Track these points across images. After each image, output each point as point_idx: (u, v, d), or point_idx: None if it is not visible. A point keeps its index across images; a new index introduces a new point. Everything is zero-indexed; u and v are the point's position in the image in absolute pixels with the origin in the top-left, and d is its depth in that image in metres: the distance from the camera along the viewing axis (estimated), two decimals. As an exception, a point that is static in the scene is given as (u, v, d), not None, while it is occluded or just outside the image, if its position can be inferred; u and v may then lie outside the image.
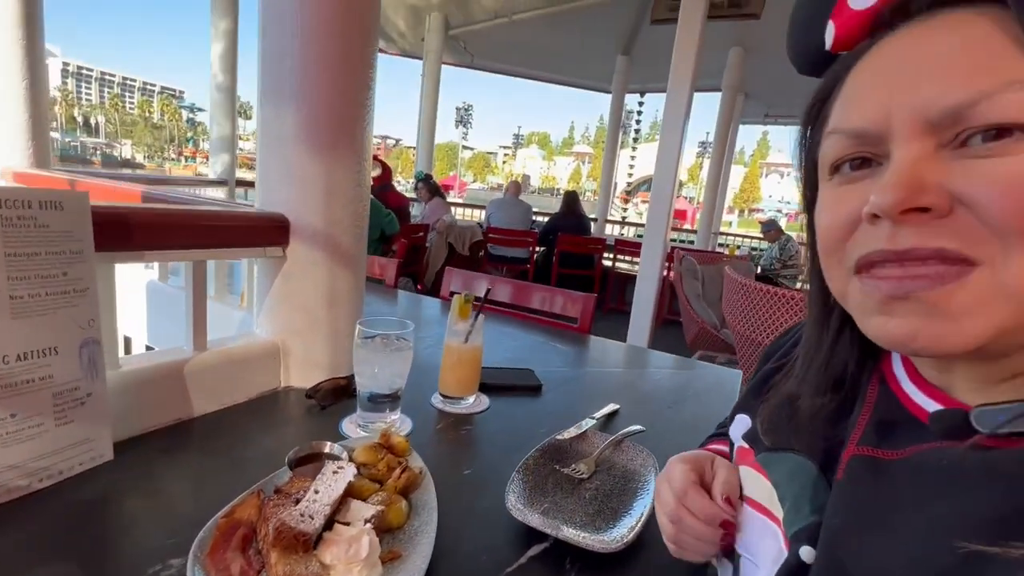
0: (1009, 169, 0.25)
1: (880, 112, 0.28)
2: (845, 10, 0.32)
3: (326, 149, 0.84)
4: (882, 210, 0.27)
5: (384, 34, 6.96)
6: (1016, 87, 0.24)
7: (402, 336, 0.76)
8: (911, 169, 0.27)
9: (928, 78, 0.27)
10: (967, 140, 0.26)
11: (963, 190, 0.26)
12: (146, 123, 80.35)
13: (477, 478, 0.68)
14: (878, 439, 0.34)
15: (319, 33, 0.80)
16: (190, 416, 0.75)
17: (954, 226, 0.26)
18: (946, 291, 0.26)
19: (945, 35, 0.27)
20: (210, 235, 0.76)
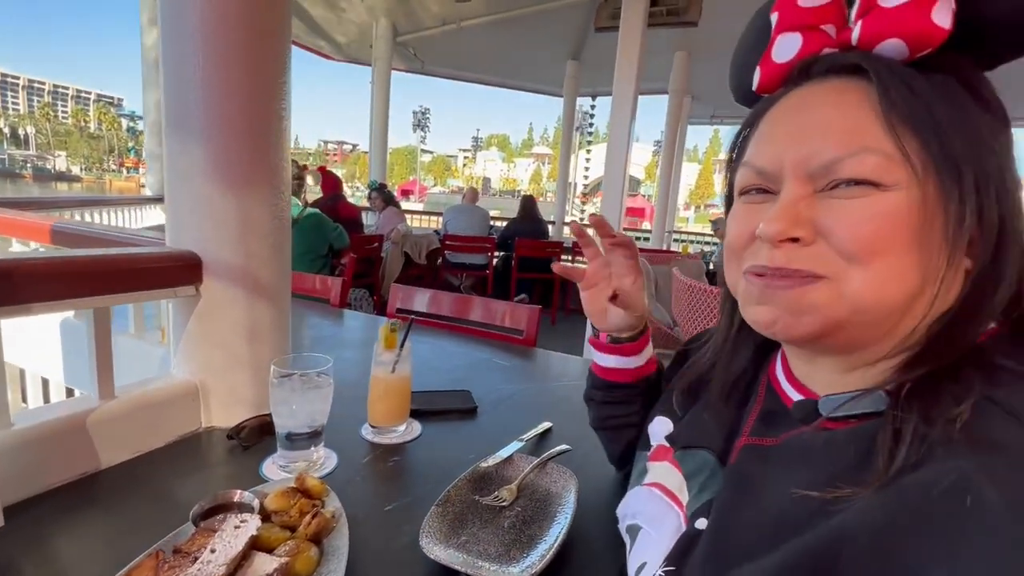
0: (857, 209, 0.33)
1: (776, 158, 0.37)
2: (769, 62, 0.40)
3: (239, 183, 0.82)
4: (766, 237, 0.35)
5: (331, 41, 6.82)
6: (868, 152, 0.33)
7: (322, 372, 0.76)
8: (791, 208, 0.35)
9: (810, 139, 0.35)
10: (835, 187, 0.34)
11: (825, 224, 0.34)
12: (82, 133, 75.80)
13: (399, 514, 0.68)
14: (763, 429, 0.42)
15: (225, 61, 0.78)
16: (97, 469, 0.72)
17: (814, 253, 0.34)
18: (796, 295, 0.35)
19: (829, 100, 0.35)
20: (112, 281, 0.73)
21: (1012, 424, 0.28)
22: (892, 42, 0.33)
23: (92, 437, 0.71)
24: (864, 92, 0.34)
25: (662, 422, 0.54)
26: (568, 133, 7.59)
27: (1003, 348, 0.33)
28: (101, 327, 0.73)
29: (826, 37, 0.37)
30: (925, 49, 0.33)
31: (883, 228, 0.32)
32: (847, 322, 0.34)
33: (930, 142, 0.32)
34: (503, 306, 1.64)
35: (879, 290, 0.33)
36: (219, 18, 0.77)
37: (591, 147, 10.18)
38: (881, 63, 0.34)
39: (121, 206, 4.29)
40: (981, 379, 0.31)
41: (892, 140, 0.32)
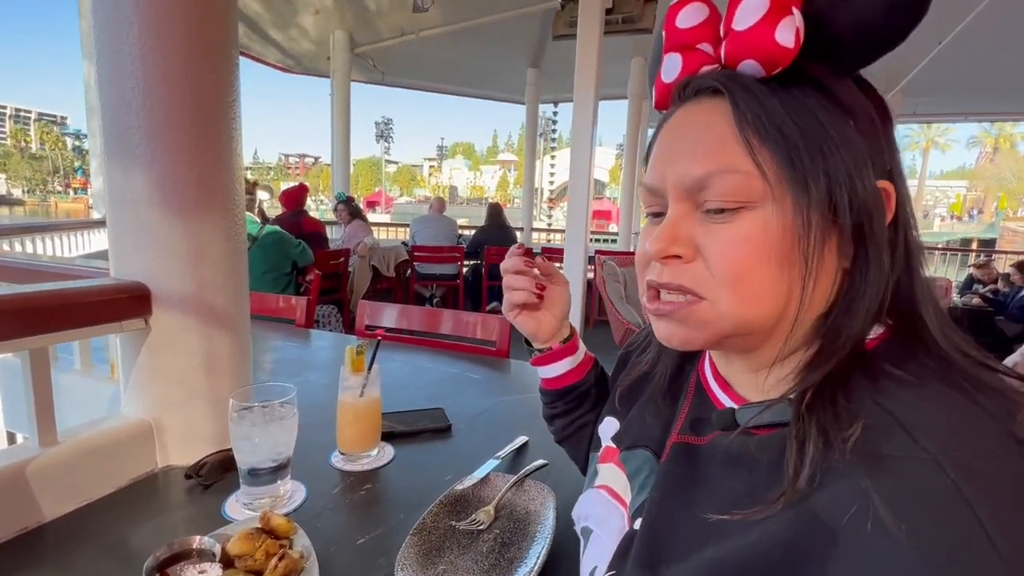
0: (725, 234, 0.35)
1: (660, 178, 0.39)
2: (659, 82, 0.41)
3: (188, 208, 0.78)
4: (651, 255, 0.38)
5: (287, 54, 6.68)
6: (730, 171, 0.35)
7: (285, 402, 0.72)
8: (672, 227, 0.37)
9: (683, 156, 0.37)
10: (710, 211, 0.36)
11: (702, 244, 0.36)
12: (23, 154, 71.85)
13: (372, 547, 0.65)
14: (692, 428, 0.43)
15: (167, 80, 0.74)
16: (40, 523, 0.66)
17: (693, 270, 0.36)
18: (684, 314, 0.37)
19: (697, 120, 0.37)
20: (49, 317, 0.68)
21: (898, 433, 0.29)
22: (748, 62, 0.35)
23: (33, 488, 0.66)
24: (726, 111, 0.35)
25: (610, 423, 0.55)
26: (532, 140, 7.64)
27: (891, 354, 0.34)
28: (39, 368, 0.68)
29: (703, 55, 0.38)
30: (777, 66, 0.35)
31: (745, 250, 0.34)
32: (731, 333, 0.37)
33: (780, 157, 0.34)
34: (474, 318, 1.62)
35: (749, 307, 0.35)
36: (158, 36, 0.73)
37: (555, 152, 10.32)
38: (737, 83, 0.35)
39: (67, 231, 4.07)
40: (870, 389, 0.32)
41: (749, 156, 0.34)
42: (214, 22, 0.78)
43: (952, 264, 8.15)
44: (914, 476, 0.27)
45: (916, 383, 0.32)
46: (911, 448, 0.28)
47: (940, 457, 0.27)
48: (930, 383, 0.32)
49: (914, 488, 0.27)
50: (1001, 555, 0.24)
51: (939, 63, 4.53)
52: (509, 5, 4.84)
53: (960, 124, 15.89)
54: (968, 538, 0.25)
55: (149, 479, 0.79)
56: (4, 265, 1.12)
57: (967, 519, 0.25)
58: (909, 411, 0.30)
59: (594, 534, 0.48)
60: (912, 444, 0.28)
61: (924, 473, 0.27)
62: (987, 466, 0.27)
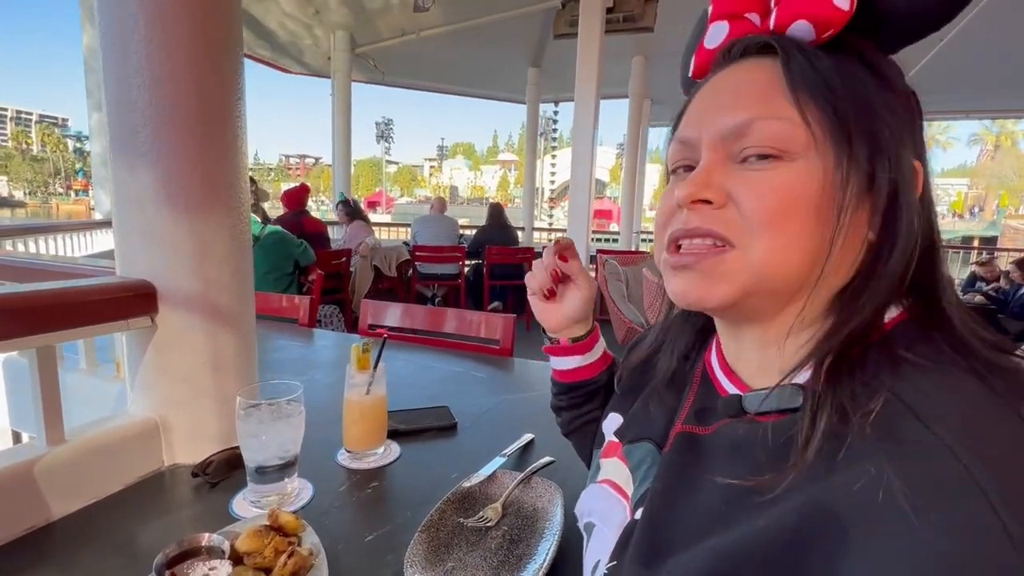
0: (764, 180, 0.35)
1: (696, 127, 0.39)
2: (701, 49, 0.42)
3: (193, 207, 0.78)
4: (680, 200, 0.37)
5: (288, 54, 6.69)
6: (773, 117, 0.35)
7: (292, 400, 0.72)
8: (704, 173, 0.36)
9: (723, 106, 0.37)
10: (747, 159, 0.36)
11: (734, 191, 0.35)
12: (24, 156, 71.99)
13: (380, 544, 0.65)
14: (697, 418, 0.43)
15: (173, 79, 0.74)
16: (48, 521, 0.66)
17: (724, 216, 0.36)
18: (709, 264, 0.36)
19: (742, 76, 0.38)
20: (56, 316, 0.68)
21: (909, 419, 0.29)
22: (800, 23, 0.36)
23: (40, 487, 0.66)
24: (773, 69, 0.36)
25: (613, 418, 0.54)
26: (532, 139, 7.64)
27: (906, 337, 0.34)
28: (46, 367, 0.68)
29: (750, 24, 0.39)
30: (829, 30, 0.35)
31: (785, 199, 0.34)
32: (754, 289, 0.36)
33: (826, 110, 0.34)
34: (477, 316, 1.62)
35: (779, 259, 0.34)
36: (163, 34, 0.73)
37: (556, 152, 10.31)
38: (788, 41, 0.36)
39: (69, 232, 4.07)
40: (886, 371, 0.32)
41: (795, 108, 0.34)
42: (219, 21, 0.78)
43: (954, 262, 8.14)
44: (927, 462, 0.27)
45: (932, 368, 0.31)
46: (923, 434, 0.28)
47: (952, 444, 0.27)
48: (946, 367, 0.31)
49: (927, 473, 0.27)
50: (1014, 541, 0.24)
51: (940, 60, 4.52)
52: (510, 4, 4.84)
53: (961, 122, 15.80)
54: (981, 524, 0.25)
55: (156, 477, 0.79)
56: (10, 265, 1.12)
57: (980, 505, 0.25)
58: (923, 396, 0.30)
59: (596, 528, 0.48)
60: (924, 430, 0.28)
61: (937, 459, 0.27)
62: (1000, 453, 0.27)
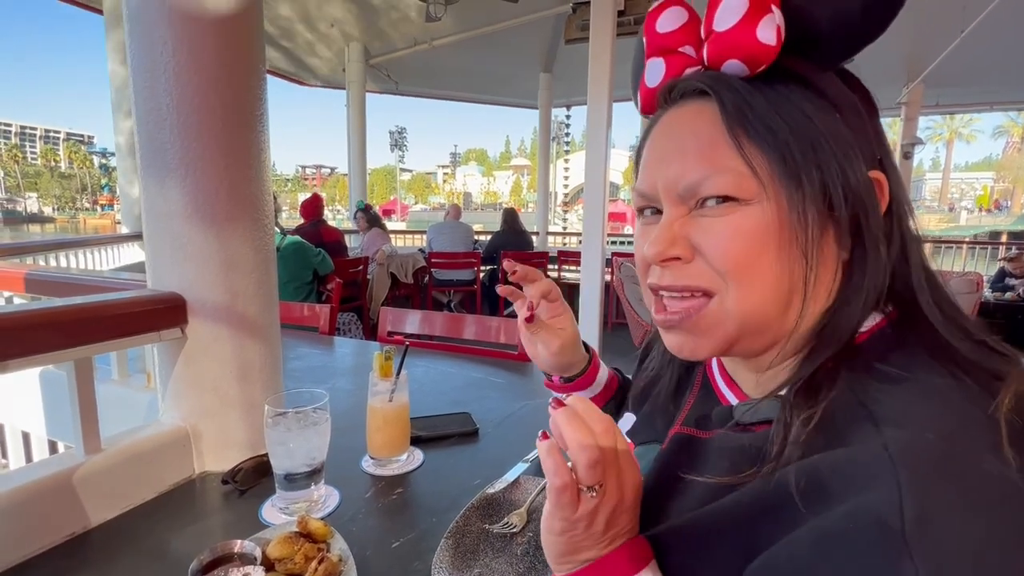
0: (723, 227, 0.35)
1: (651, 182, 0.39)
2: (644, 87, 0.42)
3: (220, 220, 0.80)
4: (650, 259, 0.38)
5: (304, 67, 6.82)
6: (721, 172, 0.35)
7: (318, 408, 0.73)
8: (667, 230, 0.37)
9: (672, 163, 0.37)
10: (704, 203, 0.36)
11: (698, 241, 0.36)
12: (52, 173, 74.49)
13: (408, 550, 0.66)
14: (697, 423, 0.44)
15: (200, 96, 0.77)
16: (86, 528, 0.69)
17: (696, 270, 0.37)
18: (692, 322, 0.37)
19: (686, 124, 0.37)
20: (93, 329, 0.70)
21: (866, 425, 0.30)
22: (731, 62, 0.35)
23: (79, 494, 0.68)
24: (713, 113, 0.36)
25: (627, 418, 0.55)
26: (545, 144, 7.65)
27: (880, 347, 0.35)
28: (83, 378, 0.70)
29: (686, 58, 0.39)
30: (761, 64, 0.35)
31: (746, 244, 0.34)
32: (739, 335, 0.37)
33: (771, 154, 0.34)
34: (496, 322, 1.63)
35: (754, 300, 0.35)
36: (191, 53, 0.75)
37: (569, 156, 10.29)
38: (723, 84, 0.36)
39: (97, 246, 4.20)
40: (854, 383, 0.33)
41: (740, 156, 0.34)
42: (243, 41, 0.80)
43: (982, 258, 7.90)
44: (861, 452, 0.29)
45: (900, 377, 0.32)
46: (869, 431, 0.30)
47: (888, 437, 0.28)
48: (916, 374, 0.32)
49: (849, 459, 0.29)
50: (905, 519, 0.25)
51: (962, 52, 4.42)
52: (520, 11, 4.87)
53: (985, 114, 15.47)
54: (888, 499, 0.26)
55: (187, 485, 0.81)
56: (46, 279, 1.17)
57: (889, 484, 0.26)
58: (885, 406, 0.31)
59: None
60: (872, 429, 0.29)
61: (866, 449, 0.29)
62: (933, 443, 0.27)
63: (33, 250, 3.54)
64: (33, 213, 63.93)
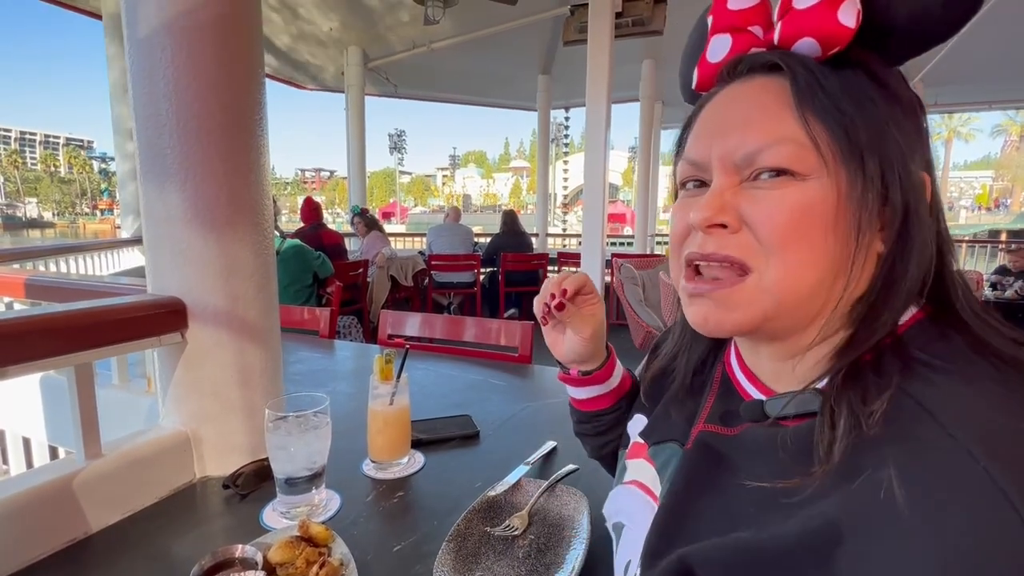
0: (776, 200, 0.35)
1: (706, 151, 0.39)
2: (704, 62, 0.42)
3: (220, 225, 0.80)
4: (695, 224, 0.37)
5: (303, 71, 6.83)
6: (783, 142, 0.35)
7: (318, 412, 0.73)
8: (718, 197, 0.37)
9: (733, 132, 0.37)
10: (759, 176, 0.36)
11: (747, 212, 0.36)
12: (52, 178, 74.58)
13: (409, 554, 0.66)
14: (720, 418, 0.43)
15: (199, 102, 0.77)
16: (87, 534, 0.68)
17: (739, 240, 0.36)
18: (726, 292, 0.37)
19: (750, 99, 0.37)
20: (93, 334, 0.70)
21: (926, 421, 0.29)
22: (806, 41, 0.36)
23: (80, 500, 0.68)
24: (782, 88, 0.36)
25: (638, 419, 0.54)
26: (544, 146, 7.66)
27: (921, 338, 0.34)
28: (84, 384, 0.70)
29: (753, 38, 0.39)
30: (835, 46, 0.35)
31: (797, 218, 0.34)
32: (773, 315, 0.36)
33: (836, 132, 0.34)
34: (496, 324, 1.63)
35: (795, 278, 0.35)
36: (190, 58, 0.76)
37: (568, 157, 10.31)
38: (796, 60, 0.36)
39: (97, 251, 4.20)
40: (900, 374, 0.32)
41: (804, 131, 0.34)
42: (241, 45, 0.80)
43: (981, 257, 7.90)
44: (944, 464, 0.27)
45: (947, 368, 0.32)
46: (941, 436, 0.28)
47: (971, 446, 0.27)
48: (962, 367, 0.31)
49: (943, 476, 0.26)
50: None
51: (960, 51, 4.42)
52: (519, 13, 4.88)
53: (983, 113, 15.69)
54: (1003, 520, 0.24)
55: (188, 489, 0.81)
56: (46, 285, 1.16)
57: (1000, 504, 0.24)
58: (939, 398, 0.30)
59: (626, 528, 0.48)
60: (941, 431, 0.28)
61: (954, 461, 0.27)
62: (1017, 453, 0.26)
63: (33, 255, 3.54)
64: (33, 218, 64.02)
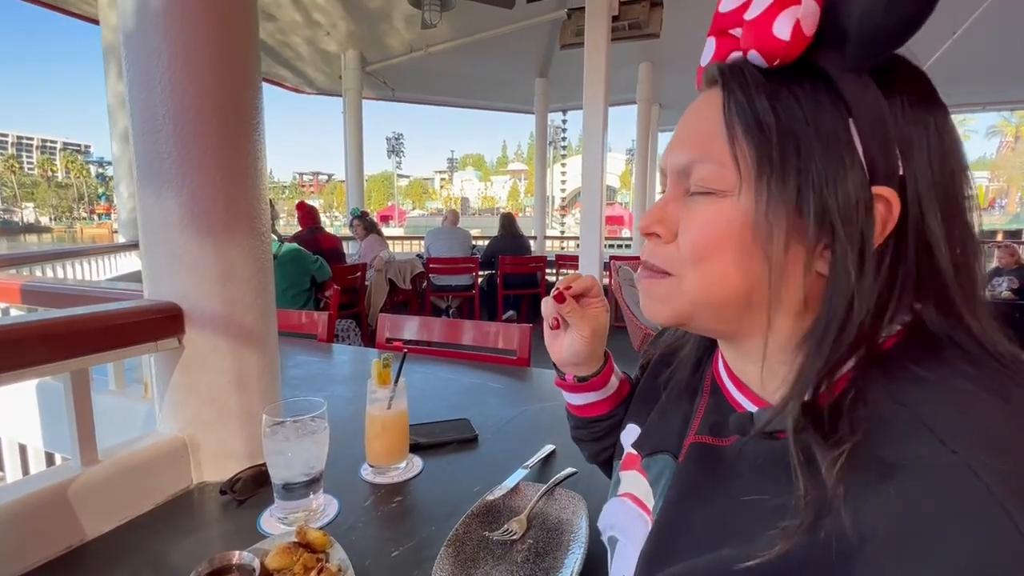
0: (696, 215, 0.37)
1: (665, 159, 0.41)
2: (701, 66, 0.42)
3: (217, 230, 0.80)
4: (639, 228, 0.41)
5: (300, 75, 6.84)
6: (708, 160, 0.36)
7: (316, 417, 0.73)
8: (660, 208, 0.40)
9: (679, 142, 0.39)
10: (693, 193, 0.38)
11: (681, 224, 0.38)
12: (49, 183, 74.43)
13: (407, 559, 0.65)
14: (711, 429, 0.43)
15: (196, 107, 0.77)
16: (83, 541, 0.68)
17: (667, 251, 0.39)
18: (654, 286, 0.40)
19: (700, 109, 0.38)
20: (89, 340, 0.70)
21: (925, 436, 0.28)
22: (752, 52, 0.35)
23: (75, 507, 0.68)
24: (718, 106, 0.36)
25: (631, 429, 0.54)
26: (542, 148, 7.67)
27: (913, 351, 0.33)
28: (80, 390, 0.70)
29: (734, 42, 0.37)
30: (776, 59, 0.33)
31: (708, 234, 0.36)
32: (693, 312, 0.39)
33: (759, 153, 0.34)
34: (495, 327, 1.63)
35: (706, 289, 0.37)
36: (187, 64, 0.76)
37: (566, 160, 10.34)
38: (735, 74, 0.36)
39: (95, 255, 4.19)
40: (890, 390, 0.31)
41: (730, 150, 0.35)
42: (238, 50, 0.80)
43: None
44: (945, 482, 0.26)
45: (941, 381, 0.30)
46: (939, 452, 0.27)
47: (972, 461, 0.26)
48: (957, 381, 0.30)
49: (945, 494, 0.26)
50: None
51: (954, 53, 4.45)
52: (515, 17, 4.89)
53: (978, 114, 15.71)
54: (1005, 541, 0.24)
55: (185, 495, 0.81)
56: (43, 291, 1.16)
57: (1003, 524, 0.24)
58: (934, 412, 0.29)
59: (620, 543, 0.47)
60: (940, 447, 0.27)
61: (956, 478, 0.26)
62: (1018, 468, 0.25)
63: (30, 260, 3.53)
64: (30, 223, 63.84)
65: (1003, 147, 52.79)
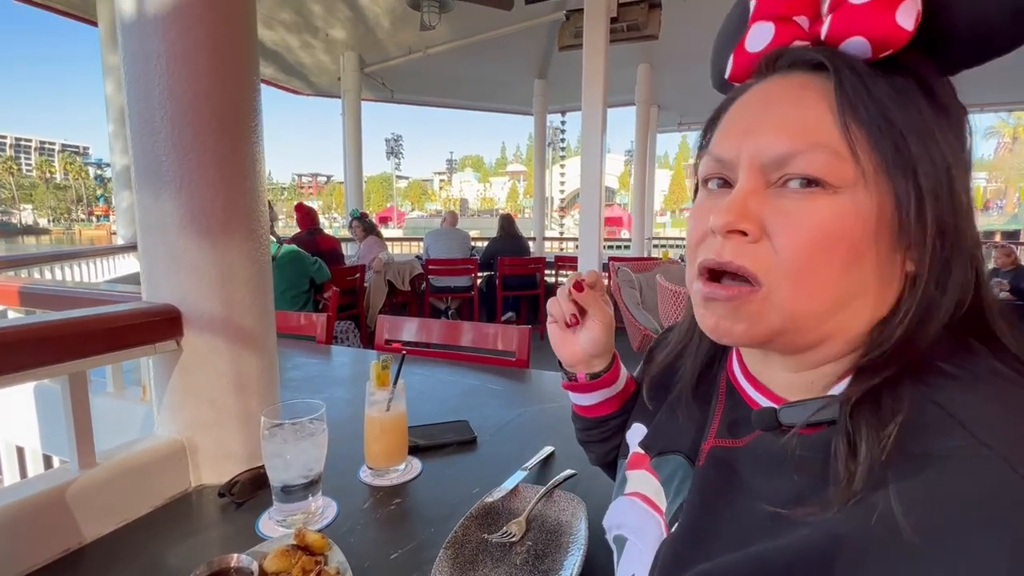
0: (801, 212, 0.33)
1: (734, 148, 0.36)
2: (742, 51, 0.39)
3: (215, 231, 0.80)
4: (715, 227, 0.35)
5: (299, 76, 6.84)
6: (819, 149, 0.32)
7: (314, 419, 0.73)
8: (741, 201, 0.34)
9: (766, 131, 0.35)
10: (787, 182, 0.33)
11: (770, 222, 0.33)
12: (47, 184, 74.36)
13: (406, 562, 0.65)
14: (728, 430, 0.42)
15: (194, 109, 0.77)
16: (81, 544, 0.68)
17: (757, 251, 0.34)
18: (736, 304, 0.35)
19: (789, 98, 0.35)
20: (87, 342, 0.70)
21: (958, 431, 0.28)
22: (856, 40, 0.33)
23: (73, 510, 0.67)
24: (824, 89, 0.33)
25: (637, 428, 0.53)
26: (541, 150, 7.68)
27: (945, 349, 0.33)
28: (78, 392, 0.70)
29: (798, 29, 0.36)
30: (888, 49, 0.33)
31: (823, 236, 0.32)
32: (782, 329, 0.34)
33: (881, 144, 0.32)
34: (493, 329, 1.63)
35: (809, 299, 0.33)
36: (185, 66, 0.76)
37: (564, 161, 10.36)
38: (843, 61, 0.33)
39: (93, 257, 4.18)
40: (925, 387, 0.31)
41: (844, 139, 0.32)
42: (236, 52, 0.80)
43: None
44: (979, 475, 0.26)
45: (974, 379, 0.30)
46: (973, 446, 0.27)
47: (1008, 454, 0.26)
48: (990, 379, 0.30)
49: (980, 487, 0.26)
50: None
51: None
52: (514, 19, 4.90)
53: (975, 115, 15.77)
54: None
55: (184, 498, 0.80)
56: (41, 293, 1.16)
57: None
58: (968, 408, 0.29)
59: (629, 543, 0.47)
60: (974, 442, 0.27)
61: (990, 471, 0.26)
62: None
63: (28, 262, 3.52)
64: (28, 225, 63.77)
65: (1001, 148, 52.96)
